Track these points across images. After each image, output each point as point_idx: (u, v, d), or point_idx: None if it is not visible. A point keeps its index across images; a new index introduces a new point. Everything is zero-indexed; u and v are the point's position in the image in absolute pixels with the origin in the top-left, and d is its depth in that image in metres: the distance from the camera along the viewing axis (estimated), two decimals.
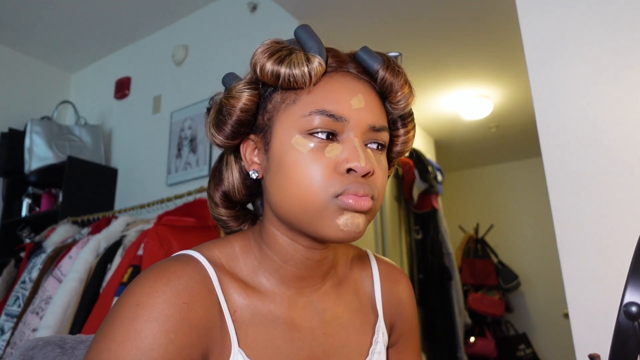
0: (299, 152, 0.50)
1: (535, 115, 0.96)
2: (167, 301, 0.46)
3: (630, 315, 0.44)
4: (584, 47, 0.93)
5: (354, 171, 0.49)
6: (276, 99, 0.53)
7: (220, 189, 0.59)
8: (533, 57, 0.98)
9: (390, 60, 0.55)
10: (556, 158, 0.92)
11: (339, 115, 0.50)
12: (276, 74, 0.50)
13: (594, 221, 0.86)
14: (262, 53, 0.52)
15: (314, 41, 0.53)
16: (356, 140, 0.50)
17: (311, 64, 0.50)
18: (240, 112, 0.53)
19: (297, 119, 0.50)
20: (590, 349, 0.79)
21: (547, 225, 1.04)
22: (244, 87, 0.53)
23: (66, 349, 0.52)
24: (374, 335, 0.62)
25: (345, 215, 0.49)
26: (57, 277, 1.65)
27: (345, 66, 0.54)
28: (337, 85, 0.52)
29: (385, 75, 0.54)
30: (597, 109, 0.89)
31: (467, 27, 2.38)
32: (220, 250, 0.56)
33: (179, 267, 0.50)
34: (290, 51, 0.51)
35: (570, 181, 0.89)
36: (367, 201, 0.49)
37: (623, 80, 0.88)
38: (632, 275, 0.45)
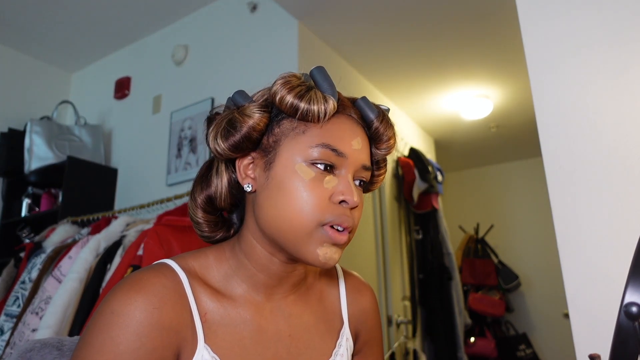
0: (301, 179, 0.56)
1: (535, 115, 0.96)
2: (138, 308, 0.51)
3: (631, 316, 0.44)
4: (584, 47, 0.93)
5: (345, 203, 0.57)
6: (285, 126, 0.59)
7: (205, 192, 0.64)
8: (533, 57, 0.98)
9: (384, 114, 0.63)
10: (556, 158, 0.91)
11: (341, 151, 0.57)
12: (295, 107, 0.57)
13: (594, 221, 0.86)
14: (283, 85, 0.58)
15: (329, 85, 0.59)
16: (349, 177, 0.58)
17: (327, 104, 0.57)
18: (251, 129, 0.58)
19: (304, 147, 0.57)
20: (591, 349, 0.79)
21: (547, 225, 1.04)
22: (258, 109, 0.59)
23: (64, 351, 0.52)
24: (338, 339, 0.68)
25: (325, 247, 0.56)
26: (57, 277, 1.65)
27: (348, 111, 0.61)
28: (343, 126, 0.59)
29: (379, 126, 0.62)
30: (597, 109, 0.89)
31: (467, 27, 2.38)
32: (195, 260, 0.62)
33: (152, 275, 0.55)
34: (308, 88, 0.58)
35: (570, 181, 0.89)
36: (345, 236, 0.57)
37: (623, 80, 0.87)
38: (632, 275, 0.45)
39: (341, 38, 2.39)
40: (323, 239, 0.56)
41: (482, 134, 3.81)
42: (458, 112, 3.36)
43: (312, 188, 0.56)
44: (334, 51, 2.50)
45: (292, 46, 2.14)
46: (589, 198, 0.87)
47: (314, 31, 2.30)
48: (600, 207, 0.86)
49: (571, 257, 0.87)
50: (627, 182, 0.84)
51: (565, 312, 3.48)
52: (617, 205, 0.84)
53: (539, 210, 4.11)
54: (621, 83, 0.87)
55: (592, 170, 0.88)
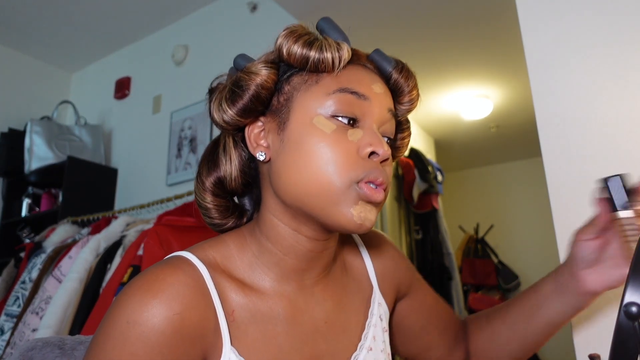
0: (321, 132, 0.49)
1: (535, 115, 0.96)
2: (157, 315, 0.44)
3: (631, 316, 0.44)
4: (584, 47, 0.93)
5: (375, 154, 0.50)
6: (295, 81, 0.53)
7: (214, 174, 0.57)
8: (533, 57, 0.98)
9: (402, 64, 0.57)
10: (556, 158, 0.91)
11: (361, 93, 0.51)
12: (305, 57, 0.51)
13: None
14: (289, 35, 0.52)
15: (339, 32, 0.55)
16: (375, 127, 0.52)
17: (341, 50, 0.52)
18: (259, 87, 0.52)
19: (320, 97, 0.51)
20: (591, 349, 0.79)
21: (547, 225, 1.04)
22: (263, 65, 0.53)
23: (65, 350, 0.52)
24: (370, 307, 0.62)
25: (360, 206, 0.49)
26: (57, 277, 1.65)
27: (362, 61, 0.56)
28: (359, 72, 0.54)
29: (399, 78, 0.56)
30: (597, 109, 0.89)
31: (467, 27, 2.38)
32: (215, 249, 0.54)
33: (169, 274, 0.47)
34: (316, 36, 0.53)
35: (570, 181, 0.89)
36: (381, 193, 0.50)
37: (623, 80, 0.88)
38: (632, 275, 0.45)
39: None
40: (358, 198, 0.49)
41: (482, 134, 3.81)
42: (458, 112, 3.36)
43: (336, 142, 0.49)
44: None
45: None
46: (589, 198, 0.87)
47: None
48: None
49: None
50: None
51: None
52: None
53: (539, 210, 4.11)
54: (621, 83, 0.88)
55: (592, 170, 0.88)
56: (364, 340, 0.59)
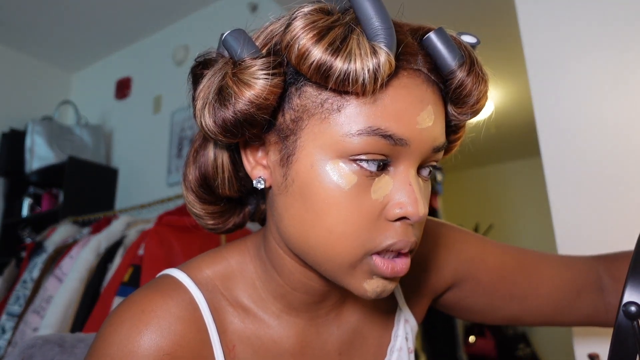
0: (338, 187, 0.36)
1: (535, 115, 0.96)
2: (143, 357, 0.38)
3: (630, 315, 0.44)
4: (583, 47, 0.93)
5: (406, 219, 0.37)
6: (309, 94, 0.37)
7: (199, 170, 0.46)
8: (533, 57, 0.98)
9: (474, 59, 0.39)
10: (556, 158, 0.92)
11: (399, 137, 0.36)
12: (325, 70, 0.33)
13: (594, 221, 0.86)
14: (305, 29, 0.34)
15: (383, 20, 0.34)
16: (412, 174, 0.38)
17: (378, 58, 0.33)
18: (251, 106, 0.36)
19: (340, 136, 0.36)
20: (590, 349, 0.79)
21: (547, 225, 1.05)
22: (264, 71, 0.36)
23: (65, 348, 0.53)
24: (394, 329, 0.52)
25: (375, 281, 0.39)
26: (58, 277, 1.66)
27: (414, 61, 0.38)
28: (403, 93, 0.36)
29: (466, 80, 0.38)
30: (597, 109, 0.89)
31: (466, 27, 2.38)
32: (213, 268, 0.45)
33: (158, 304, 0.40)
34: (346, 32, 0.34)
35: (570, 181, 0.90)
36: (403, 264, 0.38)
37: (623, 80, 0.88)
38: (632, 275, 0.45)
39: None
40: (371, 272, 0.38)
41: (482, 134, 3.81)
42: None
43: (354, 201, 0.36)
44: None
45: None
46: (588, 198, 0.87)
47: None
48: (599, 207, 0.86)
49: None
50: (626, 181, 0.84)
51: None
52: (616, 205, 0.85)
53: (538, 210, 4.11)
54: (621, 83, 0.88)
55: (591, 170, 0.88)
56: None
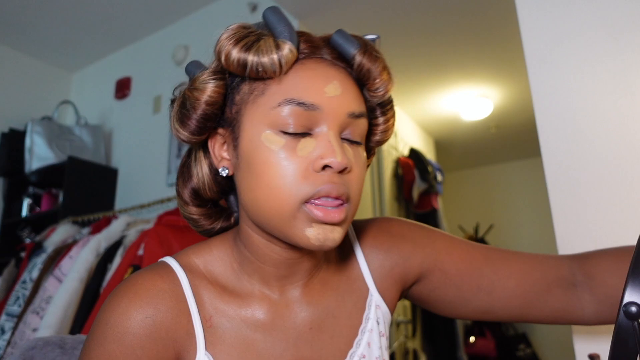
0: (269, 150, 0.46)
1: (535, 115, 0.96)
2: (131, 318, 0.47)
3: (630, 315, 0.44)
4: (584, 47, 0.93)
5: (329, 167, 0.46)
6: (244, 90, 0.49)
7: (189, 185, 0.56)
8: (533, 56, 0.98)
9: (367, 45, 0.51)
10: (556, 158, 0.92)
11: (310, 103, 0.46)
12: (243, 63, 0.47)
13: (594, 221, 0.86)
14: (228, 39, 0.47)
15: (285, 25, 0.47)
16: (331, 134, 0.47)
17: (281, 50, 0.46)
18: (206, 105, 0.49)
19: (266, 111, 0.47)
20: (590, 349, 0.79)
21: (547, 225, 1.05)
22: (209, 77, 0.49)
23: (66, 349, 0.53)
24: (365, 312, 0.58)
25: (316, 228, 0.46)
26: (58, 277, 1.66)
27: (318, 52, 0.50)
28: (310, 72, 0.48)
29: (363, 60, 0.50)
30: (597, 109, 0.89)
31: (467, 27, 2.39)
32: (198, 255, 0.55)
33: (147, 279, 0.50)
34: (258, 37, 0.47)
35: (570, 181, 0.90)
36: (341, 211, 0.46)
37: (623, 79, 0.88)
38: (632, 275, 0.45)
39: None
40: (309, 219, 0.46)
41: (482, 134, 3.81)
42: (458, 112, 3.36)
43: (285, 159, 0.46)
44: None
45: None
46: (588, 198, 0.87)
47: (314, 31, 2.29)
48: (600, 207, 0.86)
49: None
50: (627, 181, 0.84)
51: None
52: (616, 205, 0.84)
53: (539, 210, 4.11)
54: (621, 83, 0.88)
55: (592, 170, 0.88)
56: (356, 347, 0.56)
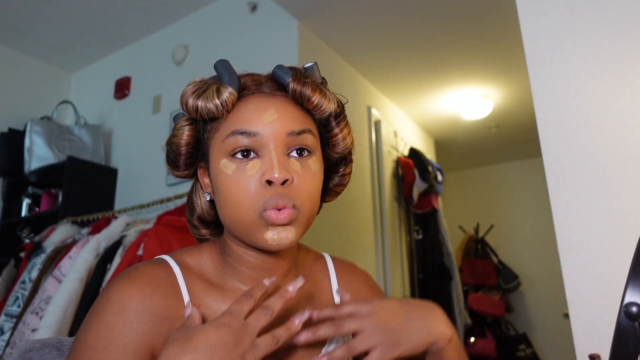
0: (226, 175, 0.56)
1: (535, 115, 0.96)
2: (131, 295, 0.54)
3: (631, 316, 0.44)
4: (584, 47, 0.93)
5: (270, 182, 0.54)
6: (207, 129, 0.60)
7: (195, 214, 0.68)
8: (533, 56, 0.98)
9: (298, 72, 0.60)
10: (556, 158, 0.91)
11: (250, 130, 0.56)
12: (196, 108, 0.57)
13: (594, 221, 0.86)
14: (188, 91, 0.58)
15: (227, 73, 0.58)
16: (273, 153, 0.55)
17: (222, 95, 0.56)
18: (185, 147, 0.60)
19: (220, 143, 0.57)
20: (591, 349, 0.79)
21: (547, 225, 1.04)
22: (184, 123, 0.60)
23: (63, 351, 0.52)
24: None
25: (271, 230, 0.55)
26: (57, 277, 1.65)
27: (260, 87, 0.60)
28: (250, 106, 0.58)
29: (295, 86, 0.58)
30: (597, 109, 0.89)
31: (467, 27, 2.38)
32: (191, 256, 0.64)
33: (147, 268, 0.58)
34: (208, 86, 0.58)
35: (570, 181, 0.89)
36: (286, 213, 0.54)
37: (623, 79, 0.87)
38: (632, 275, 0.45)
39: (341, 38, 2.39)
40: (267, 224, 0.55)
41: (482, 134, 3.81)
42: (458, 112, 3.36)
43: (237, 180, 0.55)
44: (334, 51, 2.50)
45: (292, 46, 2.14)
46: (589, 198, 0.87)
47: (314, 31, 2.30)
48: (600, 206, 0.86)
49: (571, 257, 0.88)
50: (627, 181, 0.84)
51: (565, 312, 3.47)
52: (617, 205, 0.84)
53: (539, 210, 4.10)
54: (621, 83, 0.88)
55: (592, 170, 0.88)
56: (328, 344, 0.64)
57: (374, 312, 0.55)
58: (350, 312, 0.55)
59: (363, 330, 0.54)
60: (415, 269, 2.96)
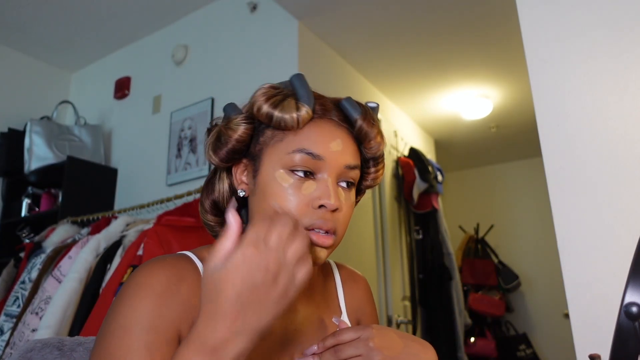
0: (279, 186, 0.59)
1: (535, 115, 0.96)
2: (160, 282, 0.54)
3: (631, 316, 0.44)
4: (584, 47, 0.93)
5: (324, 207, 0.58)
6: (267, 135, 0.62)
7: (211, 197, 0.68)
8: (533, 56, 0.98)
9: (368, 112, 0.64)
10: (556, 158, 0.91)
11: (317, 154, 0.59)
12: (269, 116, 0.59)
13: (594, 221, 0.86)
14: (261, 96, 0.60)
15: (305, 91, 0.61)
16: (329, 180, 0.59)
17: (299, 111, 0.59)
18: (236, 142, 0.62)
19: (282, 155, 0.59)
20: (591, 349, 0.79)
21: (547, 225, 1.04)
22: (242, 121, 0.62)
23: (64, 351, 0.52)
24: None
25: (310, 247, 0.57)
26: (57, 277, 1.65)
27: (329, 114, 0.63)
28: (320, 130, 0.61)
29: (363, 125, 0.63)
30: (597, 109, 0.89)
31: (467, 27, 2.38)
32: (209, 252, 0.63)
33: (173, 258, 0.59)
34: (284, 97, 0.60)
35: (570, 181, 0.89)
36: (329, 239, 0.59)
37: (623, 79, 0.87)
38: (633, 275, 0.45)
39: (341, 38, 2.39)
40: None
41: (482, 134, 3.81)
42: (458, 112, 3.36)
43: (291, 195, 0.58)
44: (334, 51, 2.49)
45: (292, 46, 2.14)
46: (589, 198, 0.87)
47: (314, 31, 2.30)
48: (600, 207, 0.86)
49: (571, 257, 0.87)
50: (627, 181, 0.84)
51: (565, 312, 3.48)
52: (617, 205, 0.84)
53: (539, 210, 4.10)
54: (621, 83, 0.88)
55: (592, 170, 0.88)
56: None
57: (373, 336, 0.58)
58: (351, 338, 0.58)
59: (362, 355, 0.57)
60: (415, 269, 2.96)
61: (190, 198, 1.86)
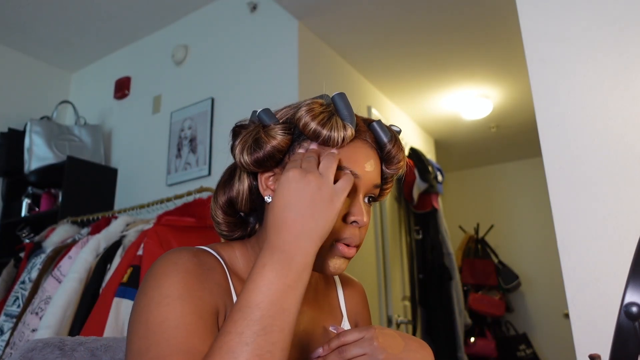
0: None
1: (535, 115, 0.96)
2: (193, 262, 0.57)
3: (631, 316, 0.44)
4: (584, 47, 0.93)
5: (356, 223, 0.63)
6: (306, 147, 0.64)
7: (228, 194, 0.70)
8: (533, 56, 0.98)
9: (396, 138, 0.69)
10: (556, 158, 0.91)
11: (355, 173, 0.63)
12: (317, 134, 0.62)
13: (594, 221, 0.86)
14: (307, 112, 0.62)
15: (349, 113, 0.64)
16: (361, 197, 0.64)
17: (346, 131, 0.62)
18: (275, 149, 0.63)
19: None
20: (591, 349, 0.79)
21: (547, 225, 1.04)
22: (282, 130, 0.63)
23: (65, 351, 0.52)
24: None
25: (336, 259, 0.63)
26: (57, 277, 1.65)
27: (363, 135, 0.66)
28: (358, 150, 0.65)
29: (392, 149, 0.68)
30: (597, 109, 0.89)
31: (467, 27, 2.38)
32: (224, 250, 0.67)
33: (197, 249, 0.62)
34: (330, 115, 0.62)
35: (570, 181, 0.89)
36: (354, 251, 0.64)
37: (623, 79, 0.87)
38: (633, 275, 0.45)
39: (341, 38, 2.39)
40: (335, 253, 0.62)
41: (482, 134, 3.81)
42: (458, 112, 3.36)
43: None
44: (334, 51, 2.49)
45: (292, 46, 2.14)
46: (589, 198, 0.87)
47: (314, 31, 2.30)
48: (600, 207, 0.86)
49: (571, 257, 0.88)
50: (627, 181, 0.84)
51: (565, 312, 3.48)
52: (617, 205, 0.84)
53: (539, 210, 4.10)
54: (621, 82, 0.88)
55: (592, 170, 0.88)
56: None
57: (377, 336, 0.60)
58: (356, 339, 0.61)
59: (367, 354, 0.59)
60: (415, 269, 2.96)
61: (190, 198, 1.86)
